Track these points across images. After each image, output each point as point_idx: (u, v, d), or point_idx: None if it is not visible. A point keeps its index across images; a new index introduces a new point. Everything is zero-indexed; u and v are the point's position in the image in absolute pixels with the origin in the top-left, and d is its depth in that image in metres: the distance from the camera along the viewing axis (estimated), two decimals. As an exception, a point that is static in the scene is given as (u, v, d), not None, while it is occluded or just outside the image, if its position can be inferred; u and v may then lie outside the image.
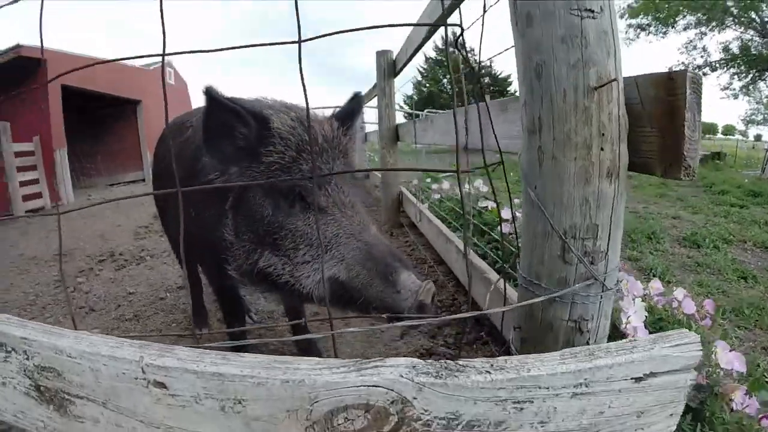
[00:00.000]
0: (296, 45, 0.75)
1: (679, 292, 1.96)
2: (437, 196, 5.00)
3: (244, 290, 2.06)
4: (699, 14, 16.50)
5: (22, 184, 8.41)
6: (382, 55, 4.66)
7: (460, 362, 0.74)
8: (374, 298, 1.14)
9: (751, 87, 19.11)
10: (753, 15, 16.19)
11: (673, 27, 17.83)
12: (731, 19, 16.62)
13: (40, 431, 0.83)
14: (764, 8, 15.76)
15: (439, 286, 3.09)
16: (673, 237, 5.28)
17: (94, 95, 10.90)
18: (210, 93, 1.23)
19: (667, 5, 16.41)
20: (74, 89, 9.80)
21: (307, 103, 0.80)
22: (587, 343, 1.05)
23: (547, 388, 0.73)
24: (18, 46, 8.52)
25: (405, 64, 4.21)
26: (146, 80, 12.71)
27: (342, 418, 0.68)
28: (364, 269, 1.17)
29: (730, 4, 16.10)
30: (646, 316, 1.75)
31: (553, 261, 1.03)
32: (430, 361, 0.73)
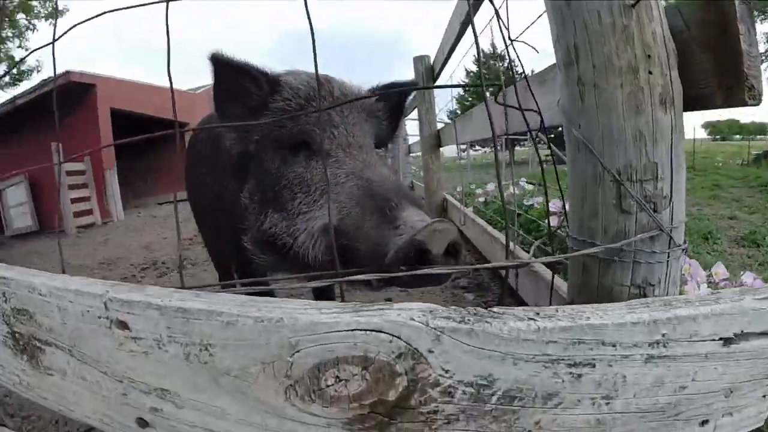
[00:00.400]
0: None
1: (747, 276, 1.73)
2: (482, 200, 4.89)
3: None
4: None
5: (74, 201, 9.06)
6: (419, 60, 4.62)
7: (495, 309, 0.57)
8: (363, 239, 0.91)
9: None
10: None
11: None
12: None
13: (16, 386, 0.79)
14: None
15: (484, 289, 2.93)
16: (730, 237, 4.99)
17: (142, 118, 11.40)
18: (216, 57, 1.18)
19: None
20: (123, 112, 10.29)
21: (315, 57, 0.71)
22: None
23: (614, 346, 0.55)
24: (66, 73, 9.20)
25: (442, 67, 4.15)
26: (193, 103, 13.21)
27: (332, 376, 0.53)
28: (358, 207, 0.98)
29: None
30: (714, 303, 1.54)
31: (608, 211, 0.86)
32: (454, 307, 0.57)
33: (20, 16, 9.91)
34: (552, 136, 1.22)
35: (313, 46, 0.70)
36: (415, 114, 5.19)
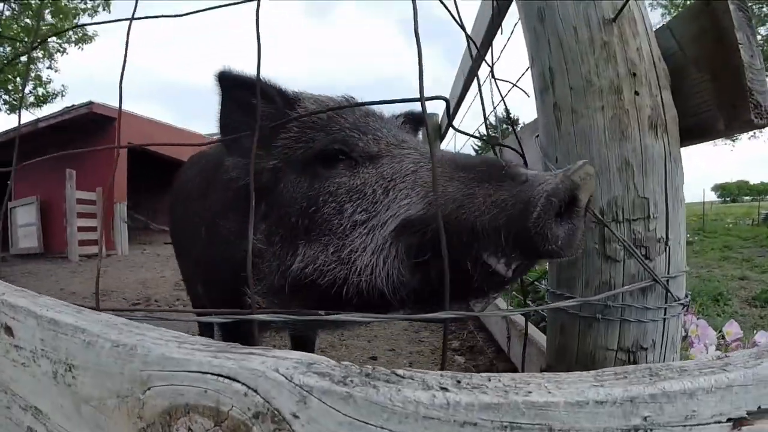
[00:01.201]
0: None
1: (761, 335, 1.55)
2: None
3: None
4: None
5: (81, 229, 9.03)
6: (428, 118, 4.58)
7: (399, 371, 0.44)
8: (478, 210, 0.68)
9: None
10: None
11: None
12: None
13: None
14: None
15: (476, 352, 2.75)
16: (741, 298, 4.83)
17: (161, 158, 11.52)
18: (224, 75, 1.05)
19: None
20: (139, 147, 10.44)
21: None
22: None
23: None
24: (90, 103, 9.50)
25: (447, 128, 4.06)
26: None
27: (183, 426, 0.43)
28: (452, 182, 0.74)
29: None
30: (723, 368, 1.36)
31: (590, 258, 0.72)
32: (345, 363, 0.45)
33: (51, 39, 10.31)
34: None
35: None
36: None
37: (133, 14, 0.72)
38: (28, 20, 9.45)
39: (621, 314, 0.69)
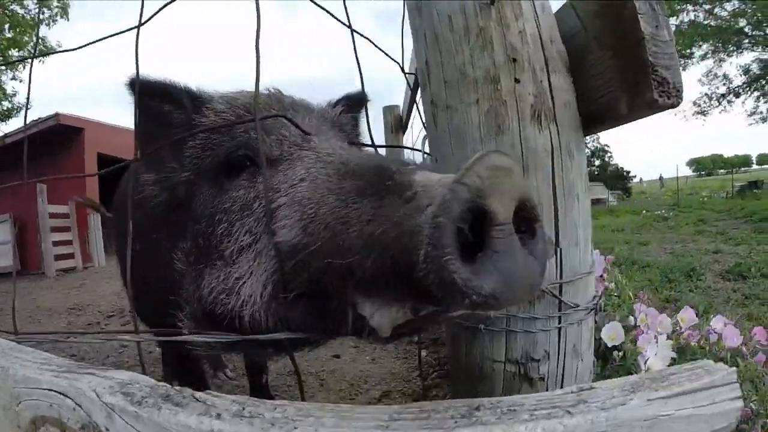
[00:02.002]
0: None
1: (717, 321, 1.51)
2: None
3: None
4: (713, 40, 16.14)
5: (56, 244, 8.84)
6: (388, 110, 4.50)
7: (199, 394, 0.48)
8: (359, 237, 0.53)
9: (778, 107, 18.27)
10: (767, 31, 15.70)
11: (690, 59, 17.47)
12: (746, 40, 16.16)
13: None
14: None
15: (440, 344, 2.69)
16: (715, 272, 4.85)
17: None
18: (134, 83, 0.92)
19: (681, 39, 16.08)
20: (110, 157, 10.21)
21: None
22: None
23: None
24: (56, 115, 9.21)
25: (408, 119, 3.98)
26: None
27: None
28: (333, 196, 0.61)
29: (742, 24, 15.68)
30: (673, 358, 1.33)
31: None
32: (163, 384, 0.51)
33: (12, 53, 10.01)
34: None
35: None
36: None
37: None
38: None
39: (506, 324, 0.63)
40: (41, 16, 10.02)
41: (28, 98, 0.94)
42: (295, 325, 0.66)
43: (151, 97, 0.97)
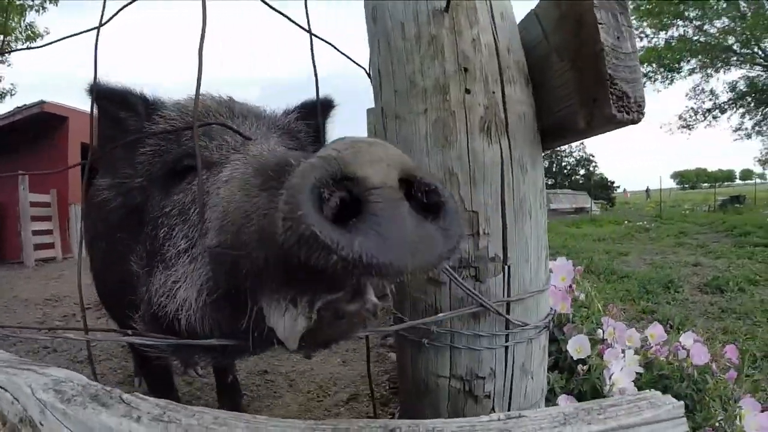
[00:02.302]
0: None
1: (686, 337, 1.51)
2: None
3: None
4: (701, 56, 16.45)
5: (36, 233, 8.72)
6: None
7: (126, 396, 0.50)
8: (251, 237, 0.51)
9: (762, 124, 18.59)
10: (756, 50, 16.03)
11: (678, 72, 17.76)
12: (734, 57, 16.50)
13: None
14: (766, 42, 15.57)
15: None
16: (693, 284, 4.84)
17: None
18: (95, 88, 0.94)
19: (669, 53, 16.34)
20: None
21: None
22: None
23: None
24: (41, 102, 9.02)
25: None
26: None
27: None
28: (241, 192, 0.59)
29: (730, 41, 16.01)
30: (639, 373, 1.33)
31: (414, 279, 0.63)
32: (96, 383, 0.53)
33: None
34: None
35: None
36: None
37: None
38: None
39: (450, 341, 0.61)
40: (30, 2, 9.88)
41: None
42: (223, 331, 0.64)
43: (110, 102, 1.00)
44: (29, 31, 10.07)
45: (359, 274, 0.42)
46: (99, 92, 0.97)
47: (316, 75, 0.75)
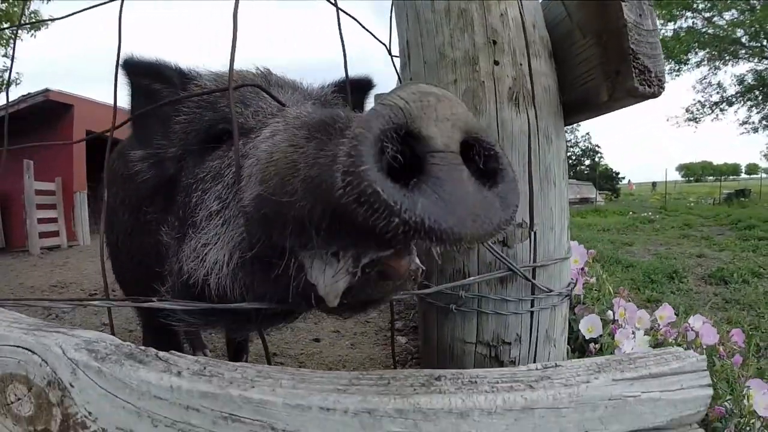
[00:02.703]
0: None
1: (695, 319, 1.54)
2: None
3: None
4: (709, 48, 16.30)
5: (41, 221, 8.75)
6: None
7: (162, 354, 0.49)
8: (300, 188, 0.48)
9: (770, 118, 18.49)
10: (764, 42, 15.84)
11: (685, 64, 17.60)
12: (743, 51, 16.32)
13: None
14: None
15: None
16: (697, 275, 4.87)
17: (115, 142, 11.19)
18: (129, 62, 0.95)
19: (677, 44, 16.18)
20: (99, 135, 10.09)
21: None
22: (514, 381, 0.63)
23: None
24: (46, 91, 9.06)
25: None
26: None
27: (12, 393, 0.52)
28: (284, 148, 0.55)
29: (739, 34, 15.84)
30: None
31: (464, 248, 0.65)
32: (129, 343, 0.51)
33: (4, 25, 9.79)
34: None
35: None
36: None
37: None
38: None
39: (477, 305, 0.63)
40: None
41: (10, 71, 0.93)
42: (256, 293, 0.62)
43: (144, 76, 1.00)
44: (34, 19, 10.04)
45: (419, 238, 0.40)
46: (133, 66, 0.98)
47: (344, 53, 0.76)
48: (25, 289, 4.97)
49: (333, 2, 0.80)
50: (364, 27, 0.95)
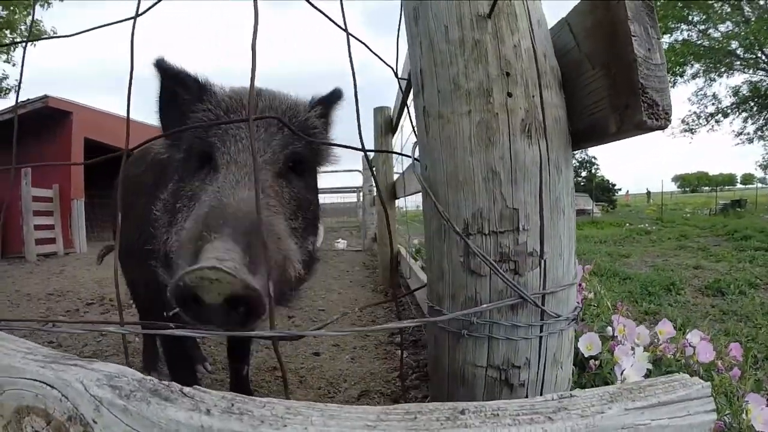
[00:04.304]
0: None
1: (693, 335, 1.55)
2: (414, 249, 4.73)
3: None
4: (705, 60, 16.45)
5: (38, 228, 8.81)
6: (378, 111, 4.50)
7: (187, 389, 0.49)
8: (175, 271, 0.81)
9: (765, 129, 18.58)
10: (759, 54, 16.02)
11: (680, 77, 17.79)
12: (738, 62, 16.52)
13: None
14: (769, 46, 15.58)
15: (420, 346, 2.71)
16: (694, 287, 4.91)
17: (112, 149, 11.17)
18: (160, 63, 1.14)
19: (672, 57, 16.35)
20: (96, 143, 10.09)
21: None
22: (523, 405, 0.65)
23: None
24: (45, 97, 9.11)
25: (398, 121, 3.97)
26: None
27: (29, 425, 0.53)
28: (190, 231, 0.85)
29: (734, 46, 16.05)
30: (649, 369, 1.35)
31: (455, 272, 0.67)
32: (151, 378, 0.52)
33: (6, 32, 9.81)
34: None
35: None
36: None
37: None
38: None
39: (488, 331, 0.65)
40: (36, -2, 9.89)
41: (20, 81, 0.99)
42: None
43: (170, 78, 1.18)
44: (35, 29, 10.07)
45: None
46: (162, 68, 1.15)
47: (354, 79, 0.78)
48: (22, 297, 4.96)
49: (344, 28, 0.83)
50: (373, 52, 0.97)
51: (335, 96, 1.35)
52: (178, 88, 1.19)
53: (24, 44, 1.02)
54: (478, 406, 0.41)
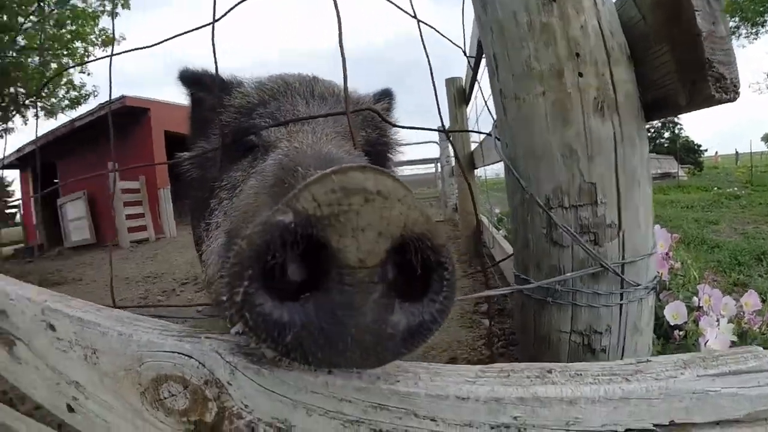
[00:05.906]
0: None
1: (780, 308, 1.48)
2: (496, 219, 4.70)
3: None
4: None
5: (129, 217, 9.62)
6: (451, 82, 4.44)
7: None
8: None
9: None
10: None
11: (762, 26, 15.82)
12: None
13: (2, 372, 0.95)
14: None
15: (506, 315, 2.73)
16: (790, 257, 4.52)
17: None
18: (183, 74, 1.10)
19: (752, 5, 14.54)
20: (176, 134, 10.82)
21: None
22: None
23: (434, 420, 0.44)
24: (122, 97, 9.90)
25: (470, 93, 3.91)
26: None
27: (166, 390, 0.60)
28: (258, 191, 0.62)
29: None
30: (733, 341, 1.32)
31: (539, 243, 0.72)
32: None
33: (77, 44, 10.63)
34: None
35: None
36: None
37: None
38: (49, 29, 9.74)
39: (571, 298, 0.69)
40: (104, 8, 10.48)
41: (110, 91, 1.04)
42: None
43: (191, 85, 1.13)
44: (104, 36, 10.73)
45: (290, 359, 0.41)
46: (182, 78, 1.11)
47: (429, 63, 0.82)
48: (121, 280, 5.45)
49: (413, 15, 0.87)
50: (443, 35, 1.01)
51: (386, 94, 1.29)
52: (200, 93, 1.12)
53: (109, 58, 0.99)
54: (563, 367, 0.47)
